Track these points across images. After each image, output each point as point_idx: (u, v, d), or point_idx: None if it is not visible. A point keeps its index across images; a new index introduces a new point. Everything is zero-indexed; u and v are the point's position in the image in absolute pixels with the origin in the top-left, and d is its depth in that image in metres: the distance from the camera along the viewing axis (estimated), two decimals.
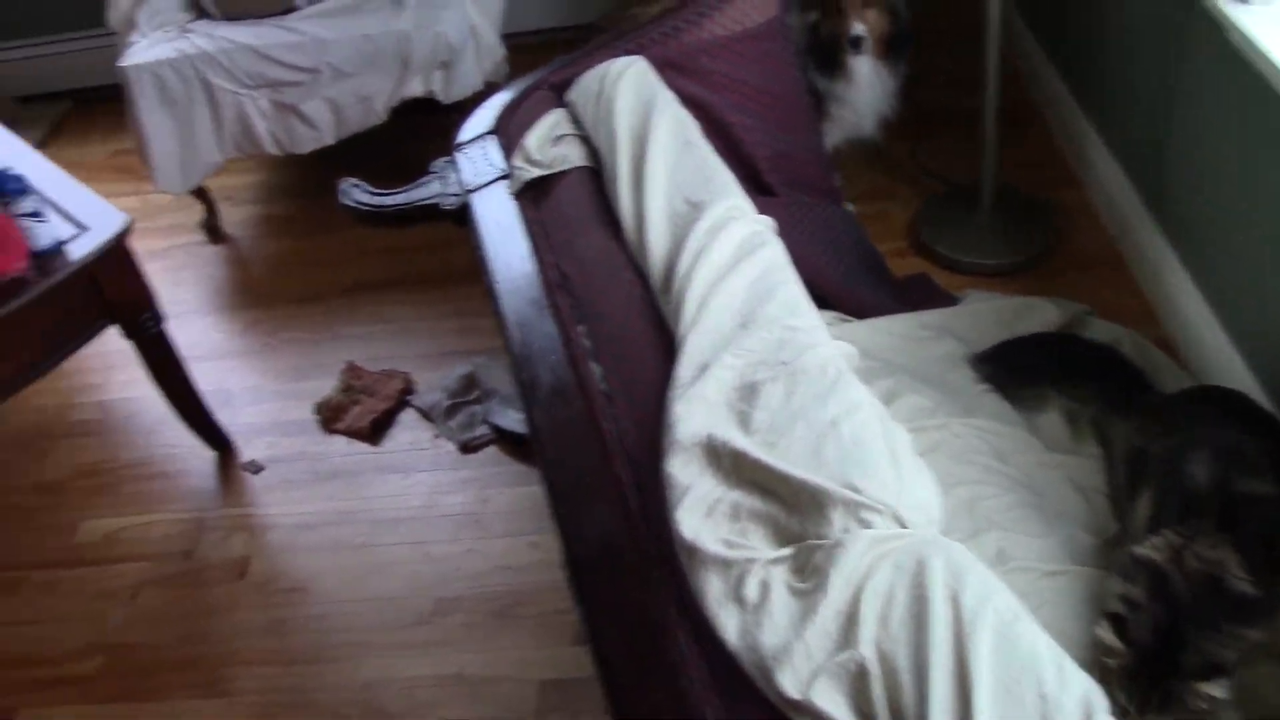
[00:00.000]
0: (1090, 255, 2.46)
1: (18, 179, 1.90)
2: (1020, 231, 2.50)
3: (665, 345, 1.40)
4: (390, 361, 2.56)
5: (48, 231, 1.97)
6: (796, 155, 2.11)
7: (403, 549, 2.14)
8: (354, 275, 2.82)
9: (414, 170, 2.18)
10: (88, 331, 2.08)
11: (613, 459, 1.27)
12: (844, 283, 2.19)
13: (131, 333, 2.15)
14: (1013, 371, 1.96)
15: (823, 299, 2.15)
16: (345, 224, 3.00)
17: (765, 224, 1.54)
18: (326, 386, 2.52)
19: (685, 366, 1.31)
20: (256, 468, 2.37)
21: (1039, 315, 2.20)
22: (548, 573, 2.02)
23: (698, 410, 1.25)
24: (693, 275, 1.43)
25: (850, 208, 2.41)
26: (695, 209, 1.53)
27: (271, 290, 2.88)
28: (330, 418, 2.43)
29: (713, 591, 1.08)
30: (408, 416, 2.43)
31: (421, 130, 3.01)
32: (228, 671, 1.98)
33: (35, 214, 1.93)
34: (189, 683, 1.97)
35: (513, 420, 2.29)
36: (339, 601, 2.06)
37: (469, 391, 2.41)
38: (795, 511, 1.13)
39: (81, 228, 2.03)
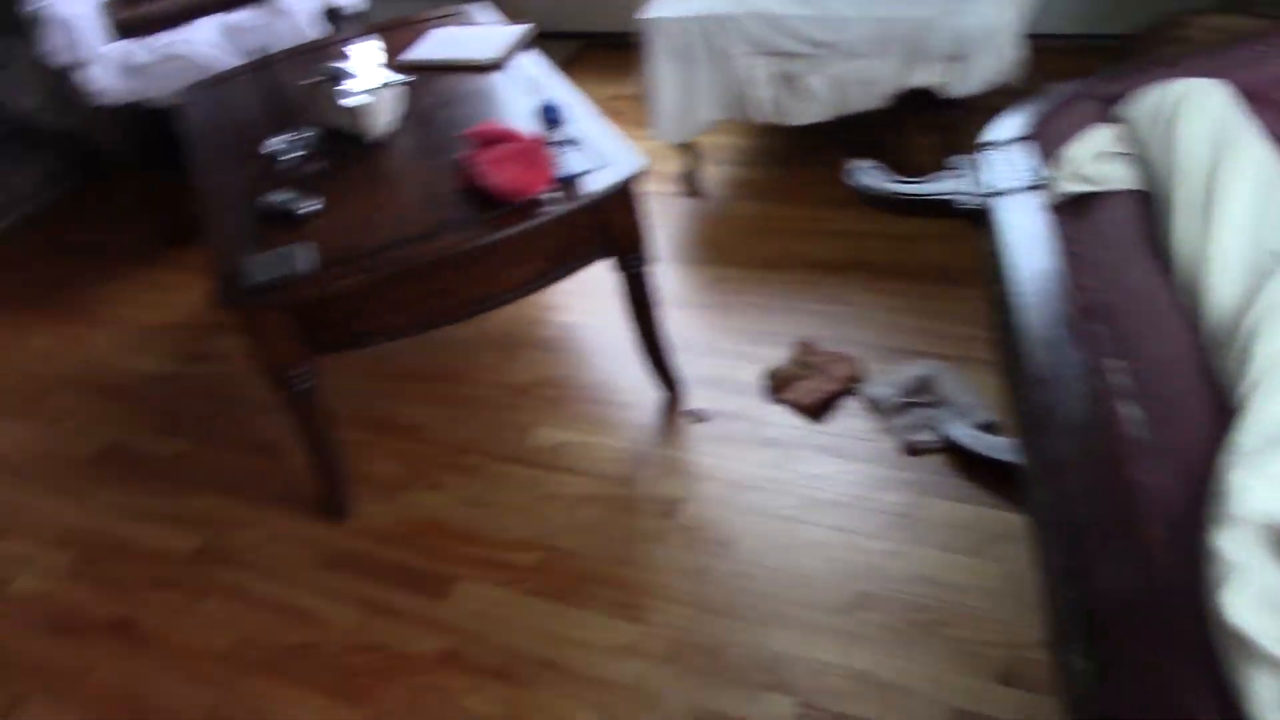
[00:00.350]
0: None
1: (558, 110, 2.06)
2: None
3: (1214, 401, 1.28)
4: (844, 344, 2.56)
5: (574, 161, 2.13)
6: None
7: (830, 533, 2.13)
8: (819, 251, 2.84)
9: (887, 157, 2.14)
10: (587, 258, 2.23)
11: (1143, 512, 1.18)
12: None
13: (622, 267, 2.28)
14: None
15: None
16: (816, 198, 3.06)
17: None
18: (775, 354, 2.56)
19: (1249, 435, 1.18)
20: (700, 417, 2.46)
21: None
22: (975, 599, 1.94)
23: (1259, 486, 1.12)
24: (1261, 330, 1.29)
25: None
26: (1275, 259, 1.37)
27: (737, 251, 2.97)
28: (779, 386, 2.47)
29: (1261, 694, 0.97)
30: (852, 403, 2.42)
31: (907, 120, 2.98)
32: (647, 601, 2.07)
33: (568, 143, 2.08)
34: (610, 600, 2.08)
35: (965, 434, 2.21)
36: (761, 566, 2.10)
37: (922, 394, 2.35)
38: None
39: (602, 162, 2.17)
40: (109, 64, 3.07)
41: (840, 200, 2.46)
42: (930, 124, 2.90)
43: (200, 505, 2.47)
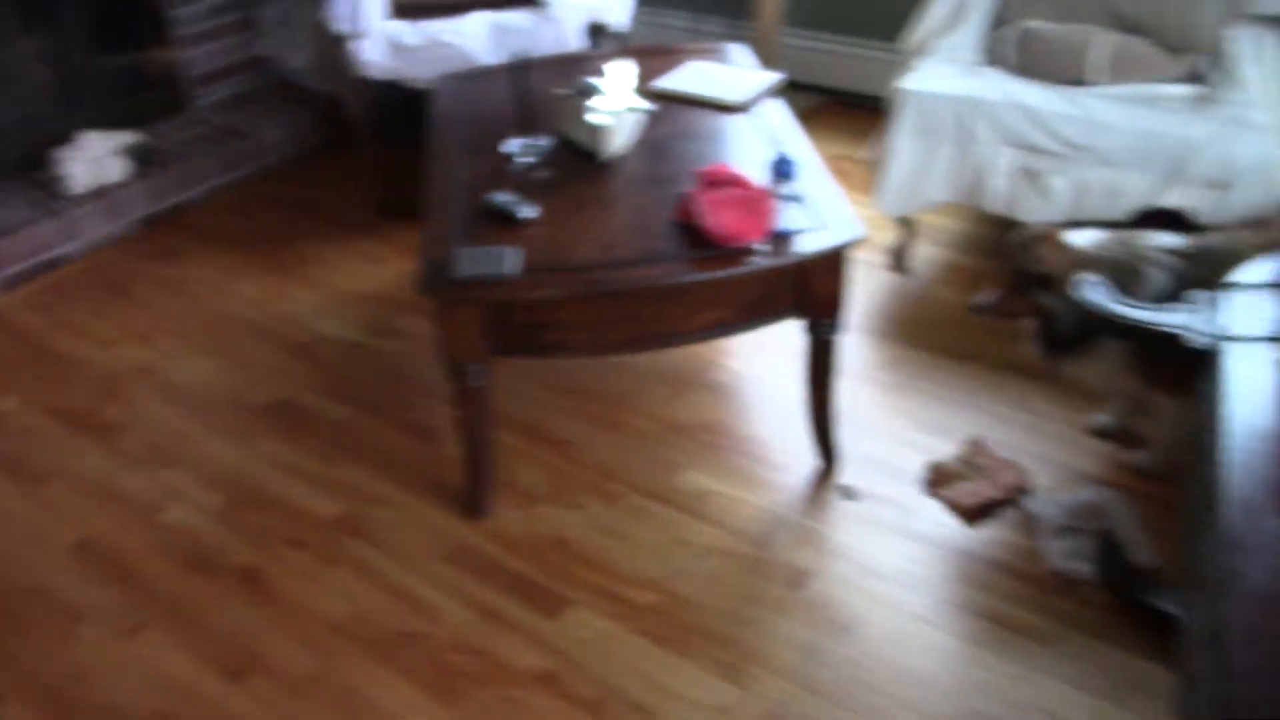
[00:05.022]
0: None
1: (791, 165, 2.03)
2: None
3: None
4: (1016, 453, 2.43)
5: (793, 217, 2.10)
6: None
7: (955, 640, 2.02)
8: (1012, 352, 2.70)
9: None
10: (780, 314, 2.19)
11: None
12: None
13: (811, 330, 2.23)
14: None
15: None
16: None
17: None
18: (942, 447, 2.46)
19: None
20: (851, 495, 2.38)
21: None
22: None
23: None
24: None
25: None
26: None
27: (930, 336, 2.87)
28: (939, 481, 2.37)
29: None
30: (1012, 515, 2.29)
31: None
32: (752, 667, 2.01)
33: (792, 198, 2.06)
34: (716, 658, 2.03)
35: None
36: (876, 659, 2.00)
37: (1088, 521, 2.20)
38: None
39: (820, 224, 2.13)
40: (380, 40, 3.24)
41: None
42: None
43: (350, 474, 2.54)
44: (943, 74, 2.83)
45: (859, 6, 4.01)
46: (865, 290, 3.06)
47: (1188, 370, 1.72)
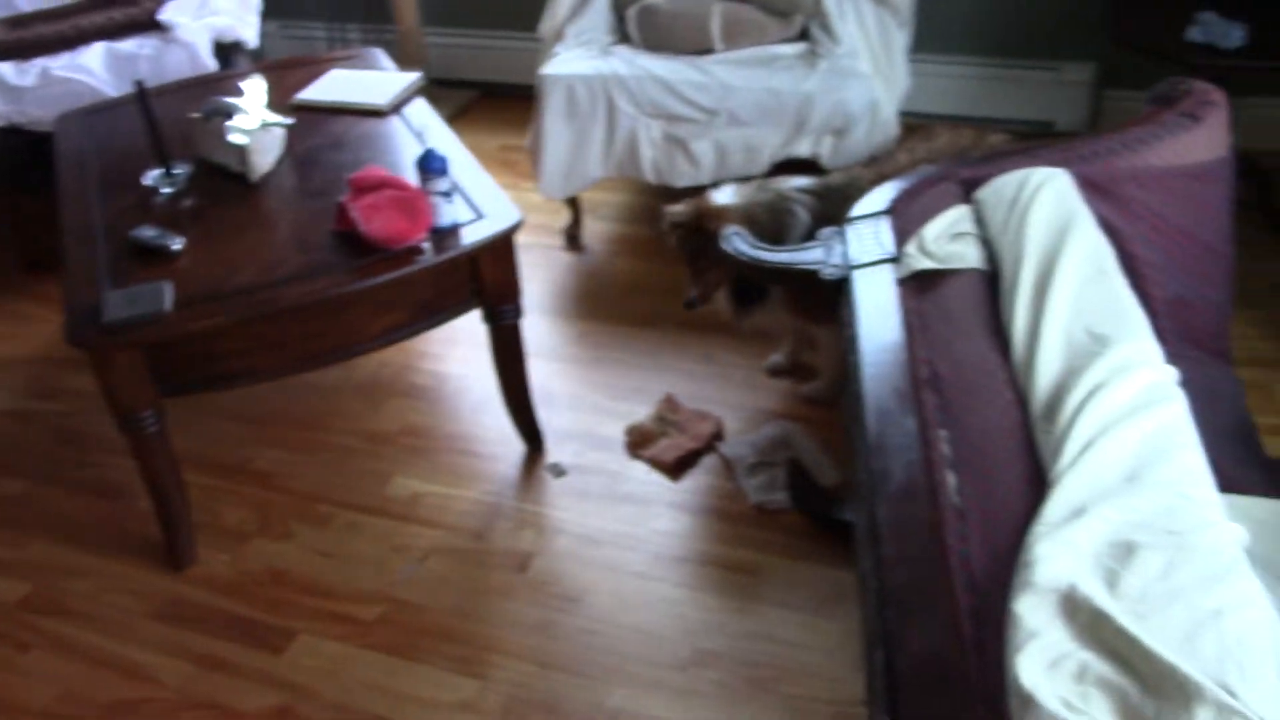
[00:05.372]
0: None
1: (442, 161, 2.05)
2: None
3: (1031, 474, 1.32)
4: (707, 404, 2.58)
5: (451, 211, 2.12)
6: (1197, 305, 1.94)
7: (676, 589, 2.13)
8: (691, 311, 2.86)
9: None
10: (458, 308, 2.21)
11: (953, 577, 1.20)
12: (1209, 448, 2.00)
13: (491, 318, 2.27)
14: None
15: None
16: None
17: (1172, 376, 1.42)
18: (641, 411, 2.57)
19: (1055, 506, 1.22)
20: (560, 471, 2.44)
21: None
22: (813, 656, 1.96)
23: (1062, 555, 1.16)
24: (1082, 412, 1.34)
25: None
26: (1098, 342, 1.43)
27: (612, 307, 2.98)
28: (638, 442, 2.48)
29: None
30: (711, 461, 2.43)
31: None
32: (488, 656, 2.03)
33: (446, 194, 2.08)
34: (451, 655, 2.04)
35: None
36: (606, 622, 2.08)
37: (776, 453, 2.38)
38: (1153, 694, 1.02)
39: (479, 214, 2.17)
40: None
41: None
42: None
43: (34, 551, 2.34)
44: (578, 57, 2.94)
45: (495, 0, 4.07)
46: (545, 273, 3.13)
47: (833, 300, 1.90)
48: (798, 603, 2.09)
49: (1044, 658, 1.07)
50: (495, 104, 4.14)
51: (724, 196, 2.37)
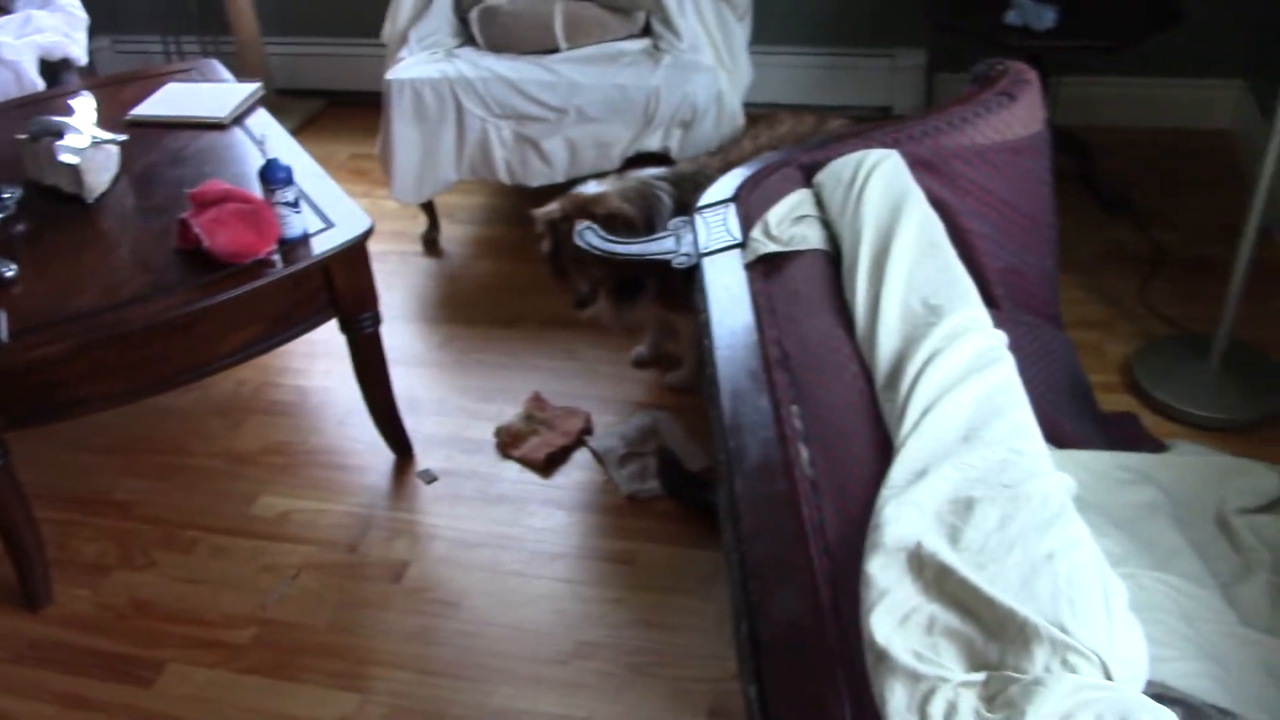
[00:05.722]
0: None
1: (286, 170, 2.02)
2: (1249, 390, 2.37)
3: (879, 442, 1.38)
4: (574, 399, 2.60)
5: (299, 222, 2.09)
6: (1027, 273, 2.06)
7: (554, 585, 2.15)
8: (553, 308, 2.88)
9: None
10: (313, 320, 2.18)
11: (810, 546, 1.25)
12: (1048, 407, 2.12)
13: (349, 328, 2.24)
14: None
15: None
16: None
17: (1000, 339, 1.50)
18: (509, 411, 2.58)
19: (901, 470, 1.28)
20: (430, 478, 2.43)
21: (1254, 480, 2.07)
22: (689, 638, 2.01)
23: (908, 515, 1.21)
24: (921, 379, 1.40)
25: None
26: (933, 312, 1.50)
27: (474, 309, 2.98)
28: (508, 443, 2.48)
29: (895, 702, 1.04)
30: (582, 456, 2.46)
31: None
32: (368, 669, 2.02)
33: (293, 204, 2.05)
34: (330, 671, 2.02)
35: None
36: (486, 623, 2.08)
37: (645, 443, 2.42)
38: (995, 638, 1.08)
39: (328, 223, 2.14)
40: None
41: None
42: None
43: None
44: (423, 61, 2.93)
45: (334, 7, 4.00)
46: (404, 280, 3.11)
47: (688, 288, 1.94)
48: (674, 587, 2.13)
49: (895, 614, 1.12)
50: (344, 112, 4.08)
51: (593, 189, 2.39)
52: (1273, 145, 2.17)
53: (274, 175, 2.01)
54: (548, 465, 2.43)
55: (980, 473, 1.26)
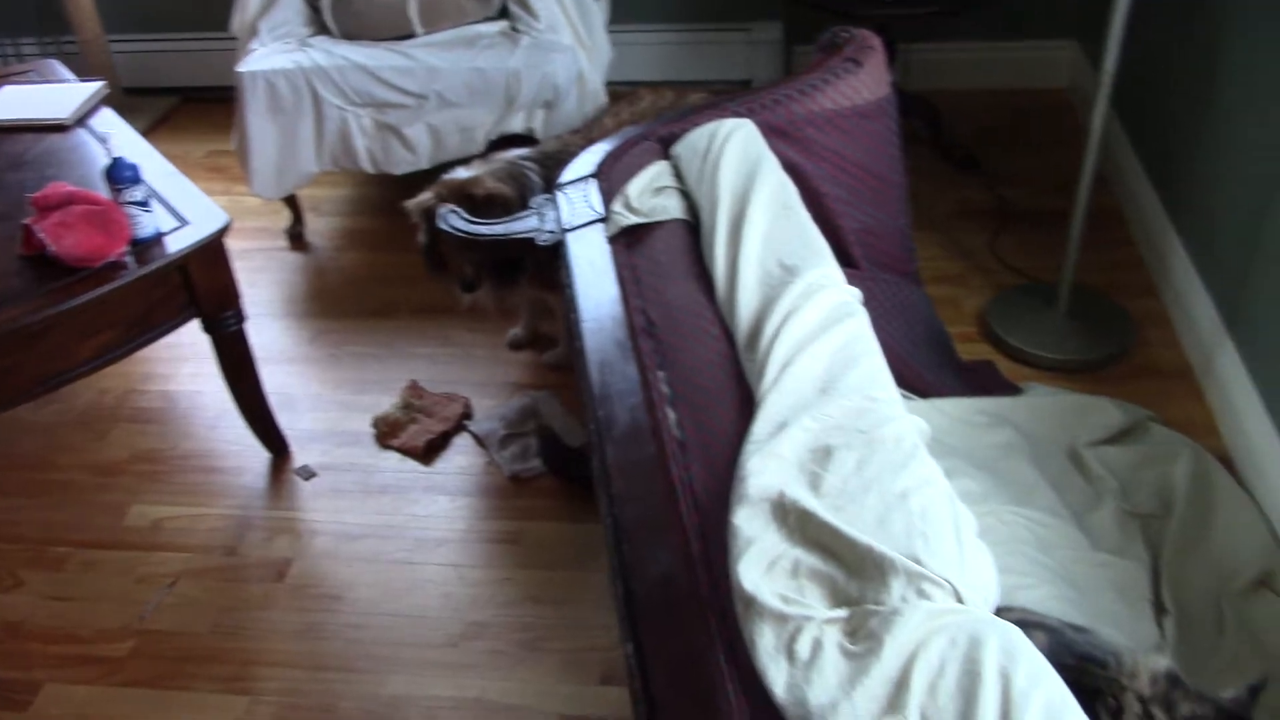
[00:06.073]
0: (1160, 363, 2.45)
1: (133, 168, 1.96)
2: (1093, 332, 2.50)
3: (742, 400, 1.42)
4: (452, 385, 2.59)
5: (151, 221, 2.03)
6: (882, 232, 2.13)
7: (441, 570, 2.15)
8: (426, 296, 2.86)
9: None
10: (173, 321, 2.12)
11: (679, 504, 1.28)
12: (911, 360, 2.21)
13: (212, 328, 2.19)
14: None
15: (890, 373, 2.17)
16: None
17: (854, 295, 1.56)
18: (386, 401, 2.55)
19: (762, 424, 1.33)
20: (308, 474, 2.40)
21: (1101, 416, 2.20)
22: (579, 609, 2.03)
23: (771, 467, 1.26)
24: (779, 337, 1.45)
25: None
26: (789, 272, 1.55)
27: (344, 302, 2.94)
28: (387, 433, 2.46)
29: (764, 644, 1.09)
30: (462, 441, 2.46)
31: None
32: (255, 670, 1.99)
33: (143, 203, 1.99)
34: (215, 676, 1.98)
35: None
36: (373, 614, 2.07)
37: (525, 423, 2.43)
38: (856, 575, 1.14)
39: (182, 221, 2.09)
40: None
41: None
42: None
43: None
44: (275, 52, 2.87)
45: (179, 2, 3.88)
46: (271, 276, 3.05)
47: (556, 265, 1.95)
48: (561, 561, 2.15)
49: (761, 561, 1.16)
50: (199, 109, 3.96)
51: (465, 173, 2.37)
52: (1100, 101, 2.29)
53: (120, 175, 1.95)
54: (428, 452, 2.42)
55: (837, 421, 1.31)
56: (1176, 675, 1.50)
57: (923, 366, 2.25)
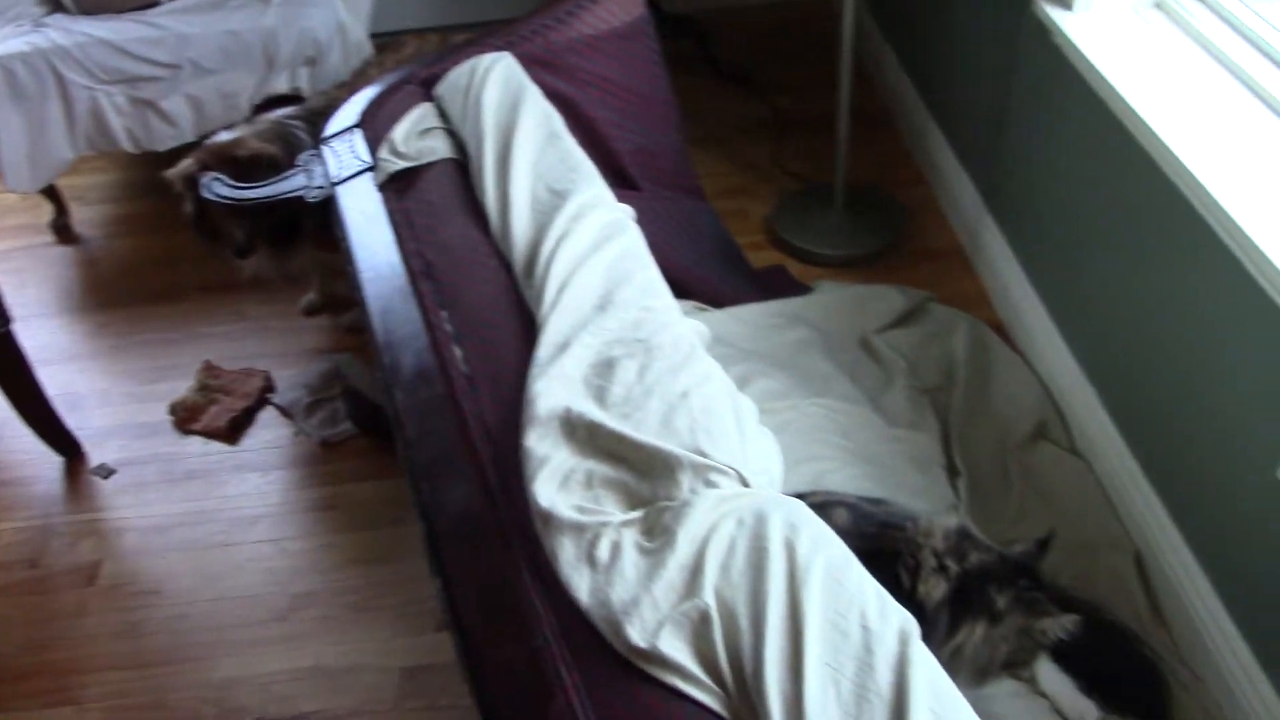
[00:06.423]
0: (934, 247, 2.59)
1: None
2: (870, 225, 2.62)
3: (526, 329, 1.43)
4: (250, 360, 2.52)
5: None
6: (658, 151, 2.17)
7: (260, 546, 2.11)
8: (212, 273, 2.75)
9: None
10: None
11: (472, 436, 1.29)
12: (703, 273, 2.27)
13: None
14: None
15: (683, 289, 2.22)
16: None
17: (624, 212, 1.58)
18: (182, 386, 2.46)
19: (545, 347, 1.34)
20: (107, 472, 2.30)
21: (885, 302, 2.32)
22: (405, 564, 2.03)
23: (556, 387, 1.28)
24: (554, 260, 1.47)
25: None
26: (558, 197, 1.56)
27: (124, 290, 2.80)
28: (186, 418, 2.38)
29: (566, 555, 1.11)
30: (267, 415, 2.39)
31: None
32: (76, 679, 1.91)
33: None
34: (33, 693, 1.90)
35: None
36: (194, 602, 2.02)
37: (330, 388, 2.38)
38: (646, 477, 1.17)
39: None
40: None
41: None
42: None
43: None
44: (8, 35, 2.66)
45: None
46: (40, 274, 2.87)
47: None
48: (381, 520, 2.14)
49: (555, 478, 1.19)
50: None
51: (227, 135, 2.28)
52: (848, 5, 2.37)
53: None
54: (232, 431, 2.35)
55: (617, 334, 1.34)
56: (966, 529, 1.62)
57: (715, 278, 2.31)
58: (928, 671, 0.96)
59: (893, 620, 0.99)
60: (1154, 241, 1.71)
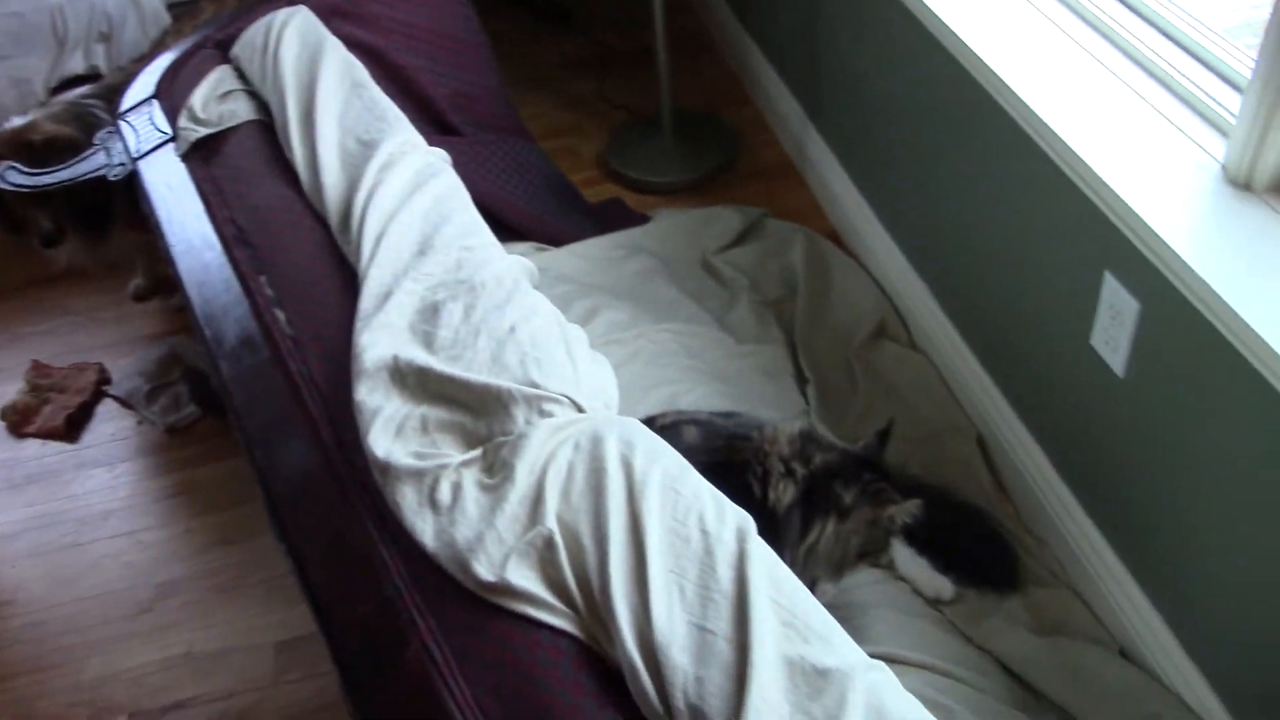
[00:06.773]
0: (765, 165, 2.63)
1: None
2: (701, 150, 2.64)
3: (349, 284, 1.41)
4: (81, 354, 2.41)
5: None
6: (476, 94, 2.14)
7: (115, 541, 2.04)
8: (28, 271, 2.62)
9: None
10: None
11: (302, 397, 1.28)
12: (538, 213, 2.26)
13: None
14: None
15: (519, 231, 2.22)
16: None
17: (438, 155, 1.56)
18: (11, 389, 2.35)
19: (367, 299, 1.33)
20: None
21: (722, 223, 2.35)
22: (267, 538, 1.98)
23: (381, 337, 1.27)
24: (369, 211, 1.44)
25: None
26: (367, 148, 1.54)
27: None
28: (19, 421, 2.27)
29: (408, 503, 1.11)
30: (107, 408, 2.30)
31: None
32: None
33: None
34: None
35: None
36: (53, 606, 1.95)
37: (169, 372, 2.31)
38: (481, 415, 1.18)
39: None
40: None
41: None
42: None
43: None
44: None
45: None
46: None
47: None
48: (238, 498, 2.09)
49: (390, 428, 1.18)
50: None
51: (18, 120, 2.15)
52: None
53: None
54: (71, 429, 2.25)
55: (439, 278, 1.33)
56: (809, 432, 1.67)
57: (551, 217, 2.31)
58: (765, 564, 0.99)
59: (729, 521, 1.02)
60: (961, 136, 1.77)
